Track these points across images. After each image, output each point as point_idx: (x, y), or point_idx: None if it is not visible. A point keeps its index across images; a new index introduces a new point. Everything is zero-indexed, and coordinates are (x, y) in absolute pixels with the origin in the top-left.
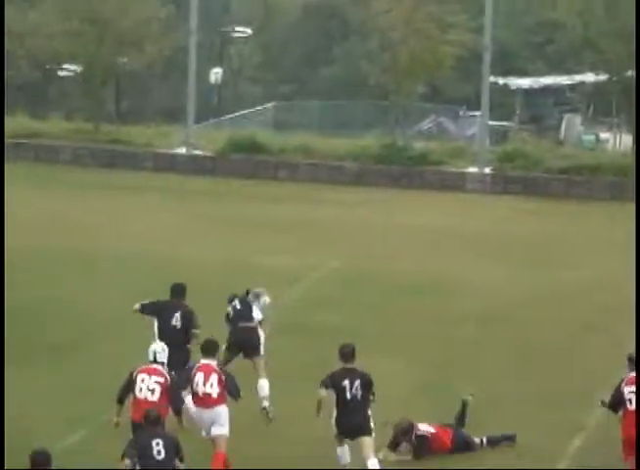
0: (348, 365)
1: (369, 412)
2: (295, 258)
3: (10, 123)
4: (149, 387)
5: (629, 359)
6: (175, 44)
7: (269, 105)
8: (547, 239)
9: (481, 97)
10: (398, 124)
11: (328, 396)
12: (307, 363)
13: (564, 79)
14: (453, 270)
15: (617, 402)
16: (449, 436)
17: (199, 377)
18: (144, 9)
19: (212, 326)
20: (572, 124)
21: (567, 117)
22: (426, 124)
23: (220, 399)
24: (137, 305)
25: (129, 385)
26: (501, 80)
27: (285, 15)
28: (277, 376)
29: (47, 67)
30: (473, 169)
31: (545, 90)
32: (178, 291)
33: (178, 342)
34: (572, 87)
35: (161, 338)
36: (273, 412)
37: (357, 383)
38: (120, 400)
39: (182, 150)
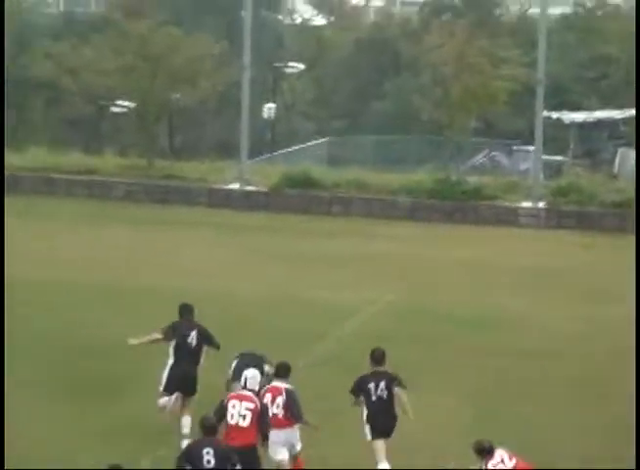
0: (377, 368)
1: (396, 411)
2: (349, 293)
3: (64, 159)
4: (240, 413)
5: None
6: (228, 80)
7: (322, 140)
8: (601, 273)
9: (535, 131)
10: (452, 159)
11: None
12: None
13: (617, 113)
14: (506, 304)
15: None
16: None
17: (267, 398)
18: (197, 45)
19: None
20: (627, 158)
21: (620, 150)
22: (479, 159)
23: (289, 421)
24: (158, 335)
25: (221, 412)
26: (554, 115)
27: (337, 50)
28: (336, 411)
29: (101, 103)
30: (526, 204)
31: (599, 124)
32: (188, 310)
33: (195, 359)
34: (626, 121)
35: (178, 357)
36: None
37: (382, 384)
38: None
39: (236, 185)
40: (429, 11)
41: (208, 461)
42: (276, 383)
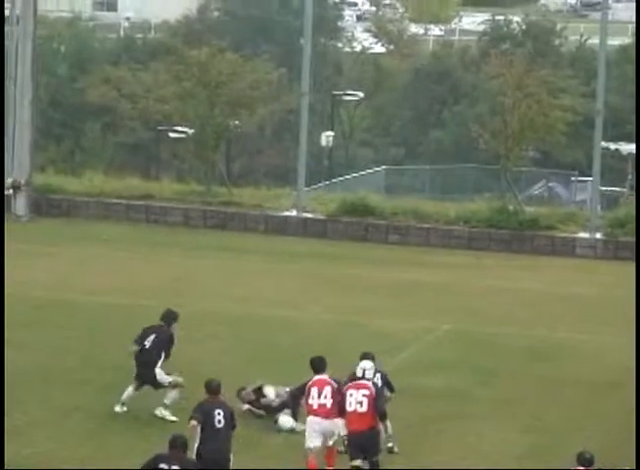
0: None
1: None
2: (406, 321)
3: (121, 184)
4: (357, 400)
5: None
6: (287, 107)
7: (380, 168)
8: None
9: (593, 162)
10: (509, 189)
11: None
12: (411, 426)
13: None
14: (563, 335)
15: None
16: None
17: (314, 391)
18: (256, 71)
19: None
20: None
21: None
22: (537, 189)
23: (334, 410)
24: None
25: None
26: (613, 146)
27: (396, 78)
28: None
29: (159, 128)
30: (583, 235)
31: None
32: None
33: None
34: None
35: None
36: None
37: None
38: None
39: (293, 212)
40: (487, 40)
41: (219, 421)
42: (318, 376)
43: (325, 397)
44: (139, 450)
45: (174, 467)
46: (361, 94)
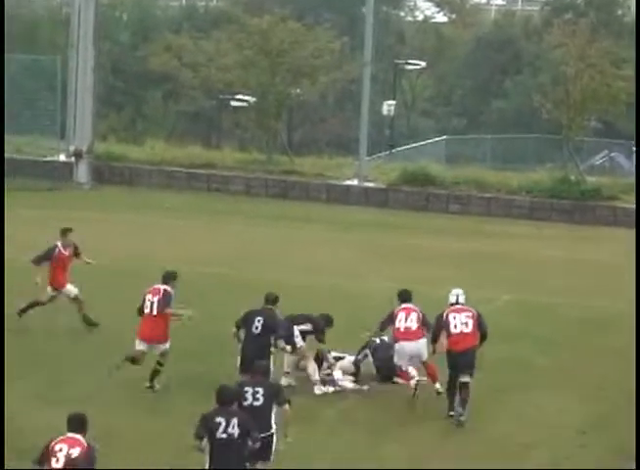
0: None
1: None
2: (467, 291)
3: (183, 153)
4: (462, 321)
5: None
6: (348, 76)
7: (442, 138)
8: None
9: None
10: (571, 159)
11: None
12: (473, 398)
13: None
14: (624, 305)
15: None
16: None
17: (401, 315)
18: (317, 40)
19: None
20: None
21: None
22: (599, 159)
23: (420, 333)
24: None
25: (439, 326)
26: None
27: (458, 47)
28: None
29: (220, 97)
30: None
31: None
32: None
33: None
34: None
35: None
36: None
37: None
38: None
39: (354, 181)
40: (550, 10)
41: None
42: (405, 305)
43: (411, 320)
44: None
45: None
46: (423, 63)
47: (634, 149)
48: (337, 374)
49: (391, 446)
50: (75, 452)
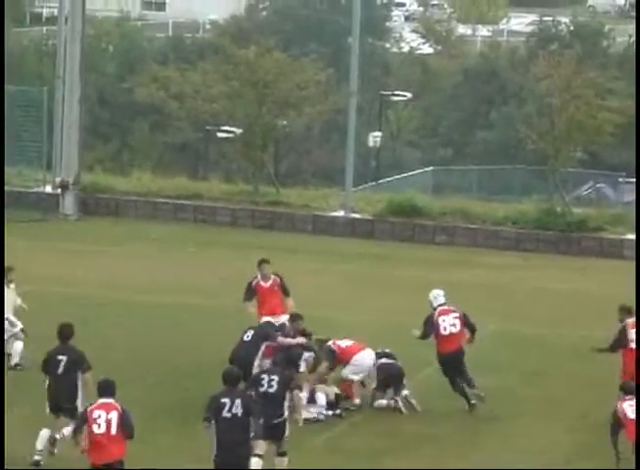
0: None
1: None
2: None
3: (169, 184)
4: (450, 323)
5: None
6: (334, 106)
7: (428, 169)
8: None
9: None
10: (557, 190)
11: None
12: (461, 427)
13: None
14: (610, 336)
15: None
16: None
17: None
18: (304, 71)
19: None
20: None
21: None
22: (584, 190)
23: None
24: None
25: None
26: None
27: (444, 79)
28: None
29: (207, 128)
30: (631, 236)
31: None
32: None
33: None
34: None
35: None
36: None
37: None
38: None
39: (340, 212)
40: (535, 41)
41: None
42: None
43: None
44: (187, 449)
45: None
46: (409, 94)
47: (620, 180)
48: (320, 399)
49: None
50: (114, 416)
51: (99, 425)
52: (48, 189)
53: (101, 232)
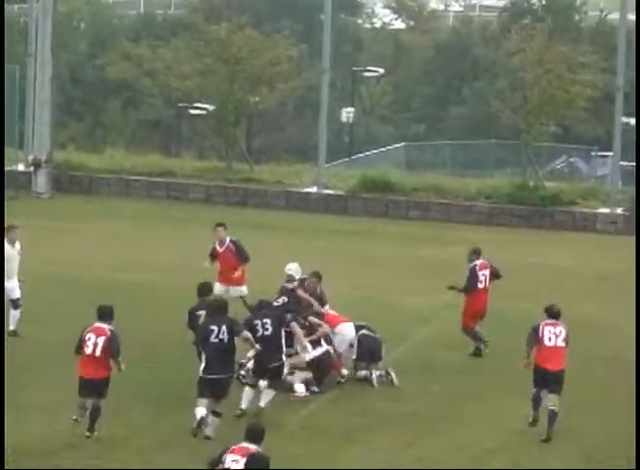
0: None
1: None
2: (426, 297)
3: (142, 161)
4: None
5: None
6: (307, 83)
7: (400, 144)
8: None
9: (614, 137)
10: (530, 164)
11: None
12: (438, 404)
13: None
14: (583, 310)
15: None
16: None
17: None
18: (276, 48)
19: None
20: None
21: None
22: (557, 164)
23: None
24: None
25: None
26: (633, 121)
27: (416, 54)
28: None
29: (179, 105)
30: (604, 210)
31: None
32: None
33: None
34: None
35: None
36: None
37: None
38: None
39: (313, 189)
40: (508, 16)
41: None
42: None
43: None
44: (162, 428)
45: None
46: (381, 70)
47: (593, 154)
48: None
49: (355, 452)
50: (100, 341)
51: (88, 346)
52: (21, 167)
53: (74, 210)
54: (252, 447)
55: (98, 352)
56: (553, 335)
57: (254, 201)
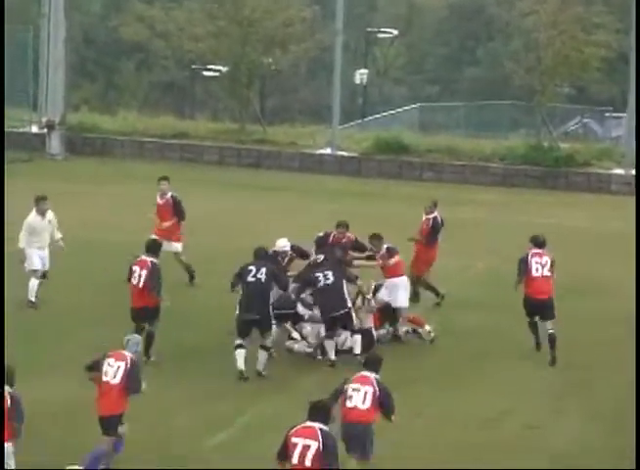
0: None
1: None
2: (441, 259)
3: (155, 123)
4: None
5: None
6: (320, 44)
7: (414, 106)
8: None
9: (628, 98)
10: (544, 125)
11: None
12: (446, 362)
13: None
14: (598, 271)
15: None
16: None
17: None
18: (289, 9)
19: None
20: None
21: None
22: (572, 125)
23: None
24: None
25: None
26: None
27: (430, 15)
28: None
29: (193, 67)
30: (618, 171)
31: None
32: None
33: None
34: None
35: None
36: None
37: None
38: None
39: (327, 150)
40: None
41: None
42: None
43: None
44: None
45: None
46: (395, 31)
47: (607, 115)
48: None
49: None
50: (143, 273)
51: (135, 278)
52: (34, 129)
53: (87, 171)
54: (372, 375)
55: (141, 284)
56: (540, 265)
57: (268, 162)
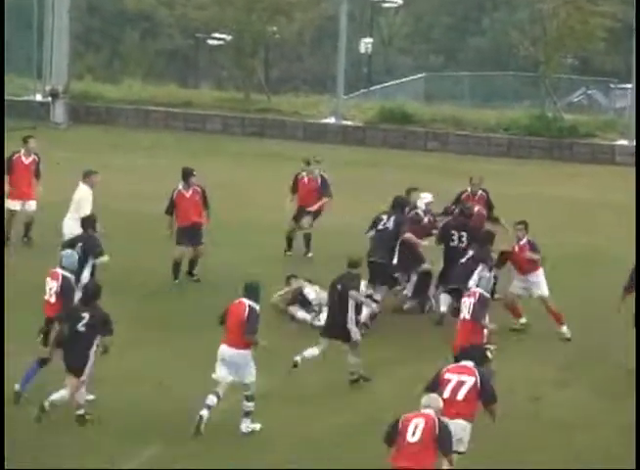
0: None
1: None
2: None
3: (160, 92)
4: None
5: None
6: (325, 13)
7: (419, 75)
8: None
9: (633, 69)
10: (548, 96)
11: None
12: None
13: None
14: (601, 242)
15: None
16: None
17: None
18: None
19: None
20: None
21: None
22: (576, 96)
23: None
24: None
25: None
26: None
27: None
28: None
29: (197, 35)
30: (623, 142)
31: None
32: None
33: None
34: None
35: None
36: None
37: None
38: None
39: (331, 120)
40: None
41: None
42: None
43: None
44: (182, 360)
45: None
46: (400, 0)
47: (612, 86)
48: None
49: (382, 384)
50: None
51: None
52: (38, 97)
53: (91, 140)
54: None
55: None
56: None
57: (272, 131)
